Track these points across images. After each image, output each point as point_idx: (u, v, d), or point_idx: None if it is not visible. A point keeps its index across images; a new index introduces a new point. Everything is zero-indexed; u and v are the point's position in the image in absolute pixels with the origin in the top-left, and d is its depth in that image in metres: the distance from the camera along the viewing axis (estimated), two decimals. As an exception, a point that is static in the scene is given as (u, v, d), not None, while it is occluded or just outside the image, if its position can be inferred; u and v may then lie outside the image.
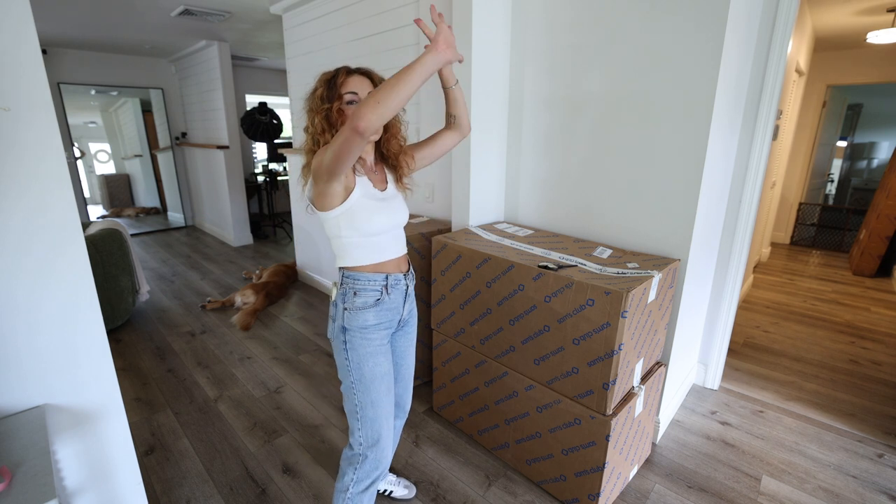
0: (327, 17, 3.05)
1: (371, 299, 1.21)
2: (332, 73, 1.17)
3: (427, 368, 2.32)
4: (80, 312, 1.06)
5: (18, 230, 0.95)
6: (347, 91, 1.15)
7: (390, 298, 1.24)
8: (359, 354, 1.21)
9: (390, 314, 1.26)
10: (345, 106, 1.15)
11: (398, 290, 1.26)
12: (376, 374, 1.23)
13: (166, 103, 5.96)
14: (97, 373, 1.11)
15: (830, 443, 2.00)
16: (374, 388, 1.23)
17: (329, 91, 1.14)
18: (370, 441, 1.25)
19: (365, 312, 1.21)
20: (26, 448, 0.89)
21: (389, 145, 1.27)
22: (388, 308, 1.25)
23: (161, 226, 6.34)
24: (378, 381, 1.23)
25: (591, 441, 1.51)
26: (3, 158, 0.92)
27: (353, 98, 1.15)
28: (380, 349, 1.23)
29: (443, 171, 2.48)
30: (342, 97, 1.15)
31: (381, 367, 1.23)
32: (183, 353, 2.81)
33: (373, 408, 1.24)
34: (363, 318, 1.21)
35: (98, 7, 3.47)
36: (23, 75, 0.92)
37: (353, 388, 1.23)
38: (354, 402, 1.24)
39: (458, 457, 1.91)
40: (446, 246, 1.87)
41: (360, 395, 1.23)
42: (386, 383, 1.25)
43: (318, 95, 1.15)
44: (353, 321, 1.20)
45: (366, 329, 1.21)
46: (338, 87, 1.15)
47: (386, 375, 1.25)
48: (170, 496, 1.71)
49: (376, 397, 1.23)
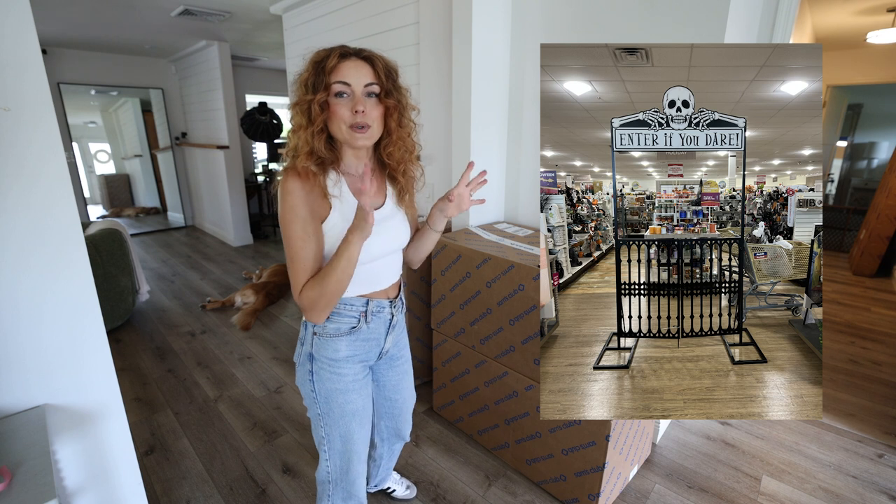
0: (327, 17, 3.05)
1: (345, 326, 1.03)
2: (324, 52, 0.92)
3: (427, 368, 2.32)
4: (80, 312, 1.06)
5: (19, 230, 0.95)
6: (338, 80, 0.90)
7: (369, 328, 1.06)
8: (327, 389, 1.05)
9: (367, 346, 1.08)
10: (332, 99, 0.90)
11: (380, 318, 1.08)
12: (346, 412, 1.07)
13: (166, 103, 5.96)
14: (97, 373, 1.11)
15: (830, 443, 2.00)
16: (343, 424, 1.08)
17: (317, 77, 0.90)
18: (339, 472, 1.14)
19: (336, 341, 1.03)
20: (26, 448, 0.89)
21: (391, 151, 1.01)
22: (365, 339, 1.07)
23: (161, 226, 6.34)
24: (349, 418, 1.08)
25: (591, 441, 1.51)
26: (4, 159, 0.92)
27: (345, 90, 0.90)
28: (353, 385, 1.06)
29: (443, 171, 2.48)
30: (330, 87, 0.90)
31: (352, 404, 1.07)
32: (183, 353, 2.81)
33: (342, 441, 1.10)
34: (334, 347, 1.03)
35: (98, 7, 3.46)
36: (23, 75, 0.92)
37: (319, 419, 1.09)
38: (321, 433, 1.10)
39: (458, 457, 1.91)
40: (446, 246, 1.87)
41: (329, 428, 1.09)
42: (358, 420, 1.09)
43: (303, 81, 0.92)
44: (323, 350, 1.03)
45: (336, 362, 1.04)
46: (327, 73, 0.90)
47: (359, 412, 1.09)
48: (170, 496, 1.71)
49: (346, 432, 1.09)
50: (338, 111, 0.91)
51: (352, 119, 0.91)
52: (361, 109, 0.90)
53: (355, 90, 0.91)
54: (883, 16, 3.62)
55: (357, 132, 0.92)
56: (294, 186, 0.90)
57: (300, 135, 0.91)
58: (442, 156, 2.44)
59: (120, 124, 7.21)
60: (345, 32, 2.93)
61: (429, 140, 2.52)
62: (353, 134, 0.92)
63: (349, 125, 0.92)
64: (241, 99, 6.29)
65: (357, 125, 0.91)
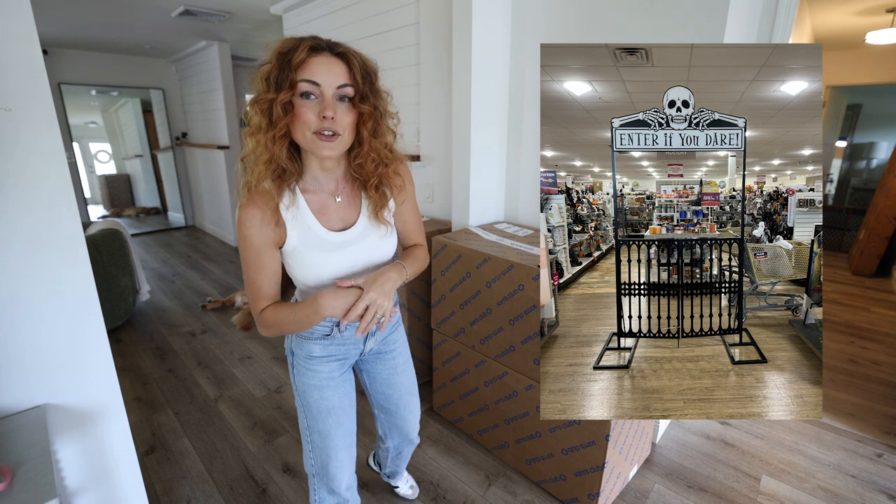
0: (327, 17, 3.05)
1: (319, 332, 1.01)
2: (291, 42, 0.79)
3: (427, 368, 2.33)
4: (80, 312, 1.06)
5: (20, 230, 0.96)
6: (306, 78, 0.78)
7: (343, 336, 1.04)
8: (303, 384, 1.06)
9: (343, 348, 1.06)
10: (297, 100, 0.78)
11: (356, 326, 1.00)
12: (322, 409, 1.06)
13: (167, 103, 5.96)
14: (98, 373, 1.12)
15: (830, 442, 2.00)
16: (319, 420, 1.08)
17: (280, 72, 0.77)
18: (318, 466, 1.15)
19: (310, 343, 1.02)
20: (27, 448, 0.89)
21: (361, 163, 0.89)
22: (341, 343, 1.05)
23: (161, 226, 6.34)
24: (325, 414, 1.07)
25: (591, 441, 1.51)
26: (5, 159, 0.92)
27: (313, 91, 0.78)
28: (327, 383, 1.05)
29: (443, 171, 2.48)
30: (296, 85, 0.78)
31: (328, 401, 1.06)
32: (183, 353, 2.81)
33: (320, 437, 1.10)
34: (307, 348, 1.03)
35: (98, 7, 3.47)
36: (23, 75, 0.92)
37: (300, 411, 1.11)
38: (303, 424, 1.12)
39: (458, 456, 1.91)
40: (446, 246, 1.87)
41: (308, 421, 1.10)
42: (335, 417, 1.08)
43: (264, 74, 0.78)
44: (299, 347, 1.04)
45: (310, 359, 1.03)
46: (293, 68, 0.77)
47: (335, 410, 1.08)
48: (170, 496, 1.71)
49: (323, 429, 1.08)
50: (302, 114, 0.79)
51: (318, 124, 0.79)
52: (331, 115, 0.79)
53: (325, 92, 0.79)
54: (882, 16, 3.62)
55: (323, 140, 0.80)
56: (248, 216, 0.83)
57: (258, 138, 0.80)
58: (442, 156, 2.45)
59: (120, 124, 7.21)
60: (345, 32, 2.93)
61: (429, 140, 2.53)
62: (318, 142, 0.80)
63: (314, 131, 0.80)
64: (241, 99, 6.28)
65: (323, 131, 0.80)
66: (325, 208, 0.90)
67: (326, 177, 0.91)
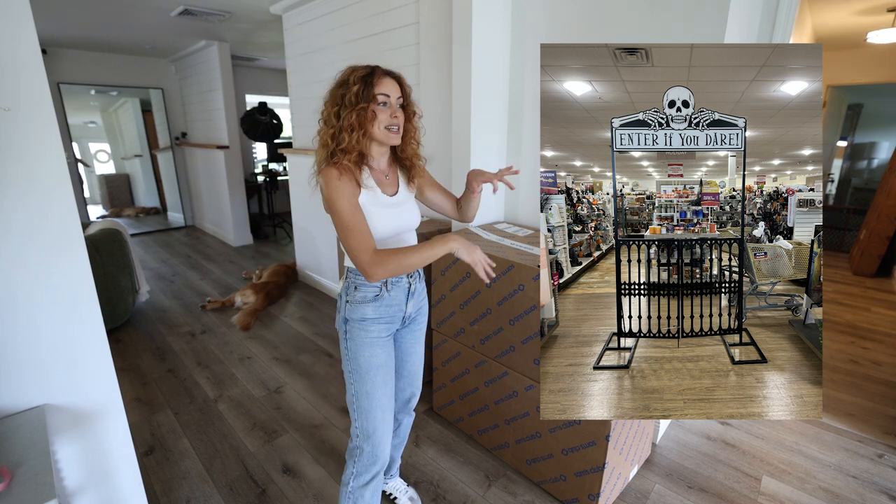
0: (327, 16, 3.05)
1: (370, 294, 1.26)
2: (366, 70, 1.17)
3: (427, 368, 2.31)
4: (80, 312, 1.06)
5: (19, 230, 0.95)
6: (381, 92, 1.16)
7: (390, 295, 1.28)
8: (356, 344, 1.26)
9: (391, 310, 1.29)
10: (376, 107, 1.16)
11: (399, 287, 1.29)
12: (372, 365, 1.26)
13: (166, 103, 5.96)
14: (97, 373, 1.11)
15: (830, 443, 2.00)
16: (369, 379, 1.26)
17: (366, 89, 1.15)
18: (366, 433, 1.29)
19: (364, 306, 1.26)
20: (26, 448, 0.89)
21: (406, 147, 1.30)
22: (389, 304, 1.28)
23: (161, 226, 6.34)
24: (374, 371, 1.27)
25: (591, 441, 1.51)
26: (4, 158, 0.92)
27: (386, 100, 1.17)
28: (377, 341, 1.27)
29: (443, 171, 2.48)
30: (376, 98, 1.16)
31: (377, 357, 1.27)
32: (183, 353, 2.81)
33: (367, 398, 1.27)
34: (362, 311, 1.26)
35: (98, 7, 3.47)
36: (23, 75, 0.92)
37: (350, 377, 1.28)
38: (352, 391, 1.28)
39: (458, 457, 1.91)
40: (446, 246, 1.86)
41: (357, 385, 1.27)
42: (382, 375, 1.28)
43: (355, 92, 1.15)
44: (354, 313, 1.26)
45: (364, 321, 1.26)
46: (373, 86, 1.15)
47: (382, 367, 1.28)
48: (170, 496, 1.71)
49: (371, 388, 1.27)
50: (379, 115, 1.17)
51: (389, 122, 1.18)
52: (398, 116, 1.19)
53: (392, 101, 1.18)
54: (883, 16, 3.62)
55: (391, 133, 1.20)
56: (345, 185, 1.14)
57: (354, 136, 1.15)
58: (442, 156, 2.44)
59: (120, 124, 7.21)
60: (345, 32, 2.93)
61: (429, 140, 2.52)
62: (388, 134, 1.19)
63: (385, 126, 1.18)
64: (241, 99, 6.28)
65: (392, 126, 1.19)
66: (381, 182, 1.26)
67: (380, 160, 1.28)
